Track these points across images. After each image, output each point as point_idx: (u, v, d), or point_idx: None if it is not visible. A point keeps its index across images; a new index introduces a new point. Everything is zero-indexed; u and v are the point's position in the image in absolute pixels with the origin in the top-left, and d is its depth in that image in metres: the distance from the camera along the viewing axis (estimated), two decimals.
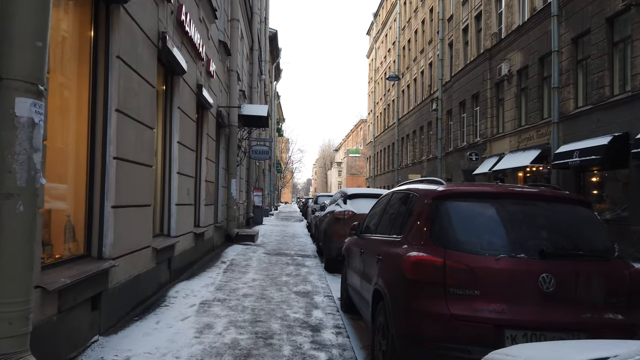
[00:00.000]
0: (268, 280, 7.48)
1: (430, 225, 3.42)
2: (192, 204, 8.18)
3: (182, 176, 7.21)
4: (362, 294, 4.75)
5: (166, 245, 6.20)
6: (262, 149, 17.29)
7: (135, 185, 5.00)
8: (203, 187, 9.42)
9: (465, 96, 24.41)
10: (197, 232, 8.53)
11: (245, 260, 9.52)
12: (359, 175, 72.15)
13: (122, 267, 4.59)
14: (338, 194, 10.51)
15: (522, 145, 18.58)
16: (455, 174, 25.71)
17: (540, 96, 17.54)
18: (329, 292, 6.80)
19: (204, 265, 8.53)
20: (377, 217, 5.12)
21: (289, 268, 8.85)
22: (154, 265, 5.78)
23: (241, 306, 5.62)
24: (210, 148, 9.90)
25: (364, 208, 8.86)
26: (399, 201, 4.40)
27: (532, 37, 17.89)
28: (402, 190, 4.42)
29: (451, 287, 3.14)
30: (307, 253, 11.50)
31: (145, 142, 5.31)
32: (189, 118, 7.70)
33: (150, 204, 5.61)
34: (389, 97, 43.51)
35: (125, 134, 4.66)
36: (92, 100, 4.31)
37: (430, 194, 3.61)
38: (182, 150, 7.23)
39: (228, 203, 12.61)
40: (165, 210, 6.86)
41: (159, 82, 6.64)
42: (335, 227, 9.05)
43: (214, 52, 9.97)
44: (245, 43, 17.46)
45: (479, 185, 3.76)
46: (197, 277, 7.27)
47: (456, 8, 26.36)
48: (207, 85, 9.25)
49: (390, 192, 4.95)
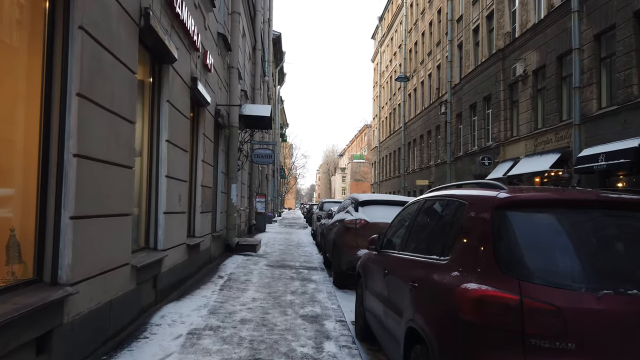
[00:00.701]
0: (270, 299, 6.52)
1: (494, 246, 2.46)
2: (185, 212, 7.24)
3: (172, 180, 6.28)
4: (387, 325, 3.79)
5: (150, 262, 5.25)
6: (265, 153, 16.36)
7: (106, 190, 4.06)
8: (199, 193, 8.49)
9: (477, 98, 23.46)
10: (191, 243, 7.58)
11: (245, 275, 8.56)
12: (364, 181, 71.13)
13: (85, 293, 3.65)
14: (348, 201, 9.54)
15: (539, 148, 17.59)
16: (466, 180, 24.69)
17: (559, 97, 16.57)
18: (341, 316, 5.83)
19: (199, 281, 7.57)
20: (404, 229, 4.16)
21: (294, 284, 7.88)
22: (134, 286, 4.83)
23: (237, 337, 4.65)
24: (207, 150, 8.97)
25: (379, 216, 7.92)
26: (437, 211, 3.44)
27: (550, 35, 16.95)
28: (442, 196, 3.46)
29: (532, 337, 2.18)
30: (314, 265, 10.53)
31: (121, 138, 4.38)
32: (181, 114, 6.78)
33: (129, 213, 4.67)
34: (394, 101, 42.61)
35: (91, 127, 3.73)
36: (46, 81, 3.38)
37: (490, 202, 2.65)
38: (173, 150, 6.30)
39: (228, 210, 11.66)
40: (152, 219, 5.91)
41: (144, 69, 5.72)
42: (346, 237, 8.08)
43: (211, 45, 9.07)
44: (247, 41, 16.60)
45: (556, 191, 2.79)
46: (189, 297, 6.31)
47: (466, 8, 25.47)
48: (204, 80, 8.34)
49: (421, 199, 3.99)
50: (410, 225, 3.97)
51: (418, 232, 3.76)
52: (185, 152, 7.11)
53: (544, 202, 2.62)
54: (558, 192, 2.74)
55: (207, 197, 9.12)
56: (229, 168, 11.57)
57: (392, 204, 8.32)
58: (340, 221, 8.74)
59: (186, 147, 7.14)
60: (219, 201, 11.04)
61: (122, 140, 4.40)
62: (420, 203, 3.94)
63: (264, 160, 16.33)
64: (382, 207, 8.22)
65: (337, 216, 9.77)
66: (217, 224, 10.90)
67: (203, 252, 8.86)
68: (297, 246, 14.93)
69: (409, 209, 4.34)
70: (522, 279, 2.29)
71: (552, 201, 2.62)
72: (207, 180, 9.07)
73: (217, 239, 10.65)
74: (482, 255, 2.52)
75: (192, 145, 8.35)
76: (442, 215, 3.27)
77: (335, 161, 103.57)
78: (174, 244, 6.56)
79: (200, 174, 8.51)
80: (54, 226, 3.37)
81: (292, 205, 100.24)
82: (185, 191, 7.18)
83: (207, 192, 9.09)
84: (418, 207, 3.94)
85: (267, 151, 16.59)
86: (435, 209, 3.50)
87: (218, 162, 10.94)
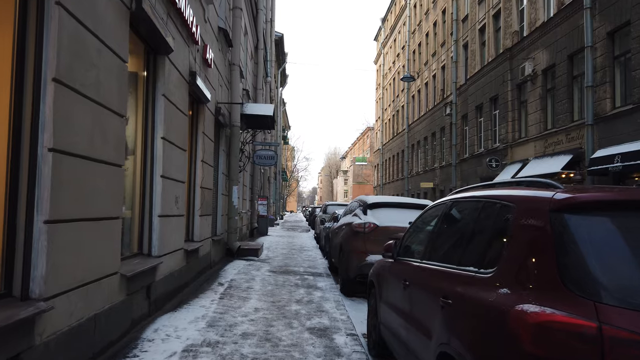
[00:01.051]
0: (274, 309, 6.04)
1: (556, 258, 1.98)
2: (183, 215, 6.77)
3: (168, 180, 5.81)
4: (410, 345, 3.32)
5: (143, 270, 4.78)
6: (267, 154, 15.89)
7: (90, 190, 3.60)
8: (198, 195, 8.02)
9: (483, 99, 22.99)
10: (190, 248, 7.11)
11: (247, 281, 8.08)
12: (366, 183, 70.63)
13: (63, 309, 3.18)
14: (355, 203, 9.05)
15: (550, 150, 17.09)
16: (473, 182, 24.16)
17: (569, 97, 16.08)
18: (352, 328, 5.35)
19: (197, 289, 7.09)
20: (426, 235, 3.68)
21: (299, 292, 7.39)
22: (123, 297, 4.36)
23: (239, 355, 4.17)
24: (207, 150, 8.51)
25: (389, 220, 7.45)
26: (470, 214, 2.96)
27: (560, 33, 16.47)
28: (475, 198, 2.97)
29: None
30: (318, 270, 10.04)
31: (109, 133, 3.92)
32: (179, 110, 6.32)
33: (118, 216, 4.21)
34: (398, 102, 42.15)
35: (71, 118, 3.27)
36: (17, 65, 2.92)
37: (546, 205, 2.17)
38: (169, 148, 5.84)
39: (229, 213, 11.19)
40: (146, 223, 5.45)
41: (137, 60, 5.27)
42: (354, 242, 7.59)
43: (212, 39, 8.62)
44: (249, 40, 16.17)
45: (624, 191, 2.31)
46: (186, 307, 5.83)
47: (471, 8, 25.02)
48: (204, 76, 7.88)
49: (446, 201, 3.50)
50: (435, 231, 3.49)
51: (445, 239, 3.28)
52: (183, 151, 6.65)
53: (614, 204, 2.14)
54: (627, 192, 2.26)
55: (207, 200, 8.66)
56: (230, 169, 11.10)
57: (403, 207, 7.86)
58: (347, 225, 8.25)
59: (184, 146, 6.67)
60: (220, 204, 10.58)
61: (110, 135, 3.93)
62: (446, 205, 3.46)
63: (266, 161, 15.86)
64: (392, 210, 7.74)
65: (343, 219, 9.29)
66: (217, 228, 10.43)
67: (202, 257, 8.39)
68: (301, 250, 14.45)
69: (430, 212, 3.86)
70: (597, 300, 1.81)
71: (622, 202, 2.14)
72: (207, 182, 8.60)
73: (218, 243, 10.17)
74: (540, 269, 2.04)
75: (191, 144, 7.89)
76: (478, 220, 2.79)
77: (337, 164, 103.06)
78: (171, 249, 6.09)
79: (199, 175, 8.05)
80: (25, 232, 2.91)
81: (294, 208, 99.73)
82: (183, 193, 6.72)
83: (207, 194, 8.62)
84: (444, 210, 3.46)
85: (269, 152, 16.12)
86: (468, 213, 3.02)
87: (219, 162, 10.48)
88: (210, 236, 9.21)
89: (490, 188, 3.03)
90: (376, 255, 7.27)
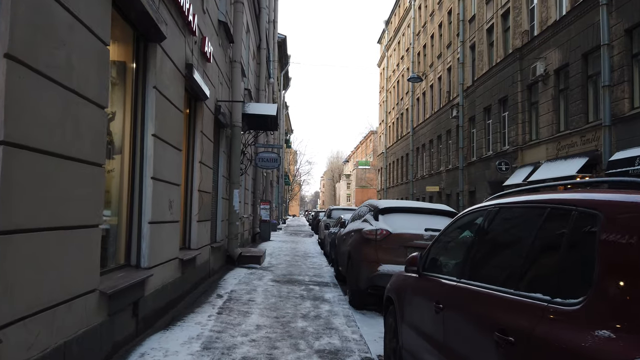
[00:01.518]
0: (278, 327, 5.41)
1: None
2: (178, 221, 6.16)
3: (160, 183, 5.21)
4: None
5: (129, 284, 4.16)
6: (269, 157, 15.29)
7: (59, 193, 2.99)
8: (195, 199, 7.42)
9: (491, 101, 22.37)
10: (186, 257, 6.49)
11: (249, 293, 7.46)
12: (369, 187, 69.99)
13: (18, 340, 2.57)
14: (365, 208, 8.42)
15: (563, 152, 16.44)
16: (480, 186, 23.55)
17: (584, 97, 15.45)
18: (366, 350, 4.72)
19: (194, 303, 6.48)
20: (464, 248, 3.06)
21: (305, 305, 6.77)
22: (104, 318, 3.74)
23: None
24: (206, 150, 7.91)
25: (403, 226, 6.83)
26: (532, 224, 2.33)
27: (574, 31, 15.87)
28: (538, 202, 2.34)
29: None
30: (324, 280, 9.42)
31: (84, 126, 3.32)
32: (173, 106, 5.72)
33: (97, 224, 3.60)
34: (402, 105, 41.57)
35: (31, 104, 2.67)
36: None
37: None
38: (161, 147, 5.24)
39: (230, 218, 10.58)
40: (134, 230, 4.84)
41: (125, 47, 4.69)
42: (365, 250, 6.97)
43: (211, 32, 8.04)
44: (251, 39, 15.61)
45: None
46: (180, 325, 5.21)
47: (479, 8, 24.45)
48: (202, 71, 7.30)
49: (489, 207, 2.88)
50: (475, 243, 2.87)
51: (492, 254, 2.67)
52: (178, 150, 6.05)
53: None
54: None
55: (205, 204, 8.05)
56: (231, 172, 10.50)
57: (418, 212, 7.23)
58: (356, 231, 7.63)
59: (179, 145, 6.07)
60: (220, 208, 9.97)
61: (85, 129, 3.33)
62: (490, 212, 2.83)
63: (269, 164, 15.26)
64: (406, 216, 7.11)
65: (351, 225, 8.66)
66: (217, 234, 9.82)
67: (200, 266, 7.77)
68: (305, 257, 13.82)
69: (466, 220, 3.24)
70: None
71: None
72: (205, 185, 8.00)
73: (217, 251, 9.56)
74: None
75: (188, 144, 7.30)
76: (543, 231, 2.17)
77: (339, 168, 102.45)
78: (163, 259, 5.48)
79: (197, 177, 7.45)
80: None
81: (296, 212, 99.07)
82: (178, 197, 6.11)
83: (205, 198, 8.02)
84: (487, 217, 2.84)
85: (272, 155, 15.53)
86: (526, 222, 2.40)
87: (219, 165, 9.88)
88: (209, 243, 8.60)
89: (549, 191, 2.41)
90: (389, 265, 6.66)
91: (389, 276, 6.57)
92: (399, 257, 6.68)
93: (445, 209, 7.33)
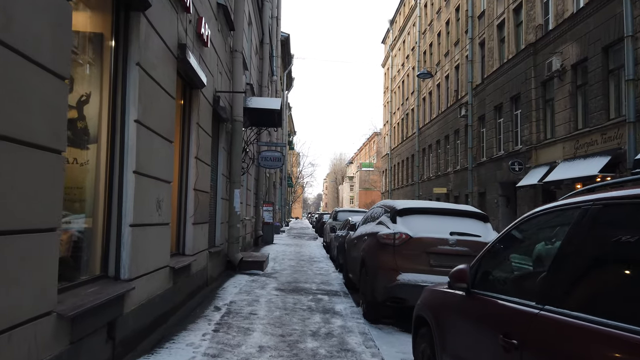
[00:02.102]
0: (285, 348, 4.60)
1: None
2: (168, 224, 5.36)
3: (144, 178, 4.41)
4: None
5: (101, 302, 3.36)
6: (273, 155, 14.50)
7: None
8: (191, 199, 6.63)
9: (502, 99, 21.53)
10: (178, 265, 5.69)
11: (250, 304, 6.65)
12: (373, 189, 69.11)
13: None
14: (379, 209, 7.60)
15: (581, 151, 15.59)
16: (491, 187, 22.70)
17: (605, 93, 14.61)
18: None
19: (187, 317, 5.67)
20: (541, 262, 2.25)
21: (314, 319, 5.95)
22: (64, 347, 2.94)
23: None
24: (203, 145, 7.12)
25: (425, 230, 6.03)
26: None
27: (592, 24, 15.05)
28: None
29: None
30: (334, 288, 8.60)
31: (35, 100, 2.53)
32: (163, 90, 4.94)
33: (54, 228, 2.80)
34: (407, 106, 40.76)
35: None
36: None
37: None
38: (147, 136, 4.45)
39: (230, 220, 9.78)
40: (112, 235, 4.04)
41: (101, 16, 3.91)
42: (381, 257, 6.16)
43: (209, 14, 7.26)
44: (254, 32, 14.86)
45: None
46: (168, 347, 4.40)
47: (489, 3, 23.64)
48: (198, 55, 6.51)
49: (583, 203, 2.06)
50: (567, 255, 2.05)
51: (603, 272, 1.85)
52: (169, 142, 5.25)
53: None
54: None
55: (202, 204, 7.25)
56: (232, 170, 9.70)
57: (440, 213, 6.41)
58: (371, 235, 6.82)
59: (170, 136, 5.28)
60: (219, 209, 9.17)
61: (35, 102, 2.54)
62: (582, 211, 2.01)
63: (272, 163, 14.47)
64: (427, 217, 6.30)
65: (363, 228, 7.85)
66: (216, 237, 9.02)
67: (196, 274, 6.97)
68: (310, 261, 13.00)
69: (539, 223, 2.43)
70: None
71: None
72: (202, 183, 7.20)
73: (216, 256, 8.75)
74: None
75: (182, 136, 6.52)
76: None
77: (343, 170, 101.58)
78: (150, 268, 4.68)
79: (193, 175, 6.66)
80: None
81: (299, 215, 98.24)
82: (169, 195, 5.32)
83: (202, 198, 7.22)
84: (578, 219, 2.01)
85: (275, 154, 14.74)
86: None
87: (218, 162, 9.09)
88: (206, 248, 7.80)
89: None
90: (409, 273, 5.87)
91: (409, 287, 5.78)
92: (420, 264, 5.90)
93: (472, 210, 6.52)
